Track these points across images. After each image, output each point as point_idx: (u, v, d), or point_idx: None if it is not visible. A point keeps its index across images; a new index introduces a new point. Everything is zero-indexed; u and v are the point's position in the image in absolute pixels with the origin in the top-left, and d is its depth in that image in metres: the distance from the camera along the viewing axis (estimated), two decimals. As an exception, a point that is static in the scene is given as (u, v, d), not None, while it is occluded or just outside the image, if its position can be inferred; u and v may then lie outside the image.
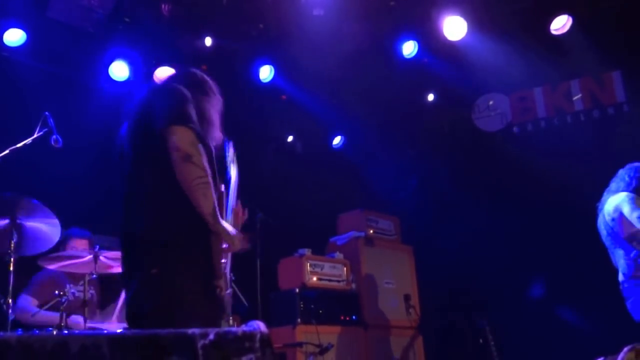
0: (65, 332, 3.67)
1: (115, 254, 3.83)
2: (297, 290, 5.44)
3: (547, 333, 6.27)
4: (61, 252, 4.19)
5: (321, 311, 5.52)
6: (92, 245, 4.32)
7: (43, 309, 4.10)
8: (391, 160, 7.67)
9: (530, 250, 6.49)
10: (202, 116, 2.57)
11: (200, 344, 1.26)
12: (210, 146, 2.55)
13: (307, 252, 5.71)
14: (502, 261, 6.51)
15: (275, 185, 6.82)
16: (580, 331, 6.02)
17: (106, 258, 3.96)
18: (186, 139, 2.35)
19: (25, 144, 3.64)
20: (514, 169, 6.55)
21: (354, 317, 5.82)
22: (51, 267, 4.09)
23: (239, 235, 2.53)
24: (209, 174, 2.39)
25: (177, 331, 1.28)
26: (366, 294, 6.03)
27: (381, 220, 6.62)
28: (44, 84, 5.21)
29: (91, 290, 4.39)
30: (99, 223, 4.74)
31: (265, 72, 6.37)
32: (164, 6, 5.44)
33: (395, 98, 7.11)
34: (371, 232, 6.42)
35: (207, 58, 5.80)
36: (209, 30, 5.81)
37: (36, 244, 3.89)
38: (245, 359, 1.29)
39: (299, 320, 5.30)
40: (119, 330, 3.75)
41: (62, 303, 3.83)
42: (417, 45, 6.36)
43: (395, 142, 7.64)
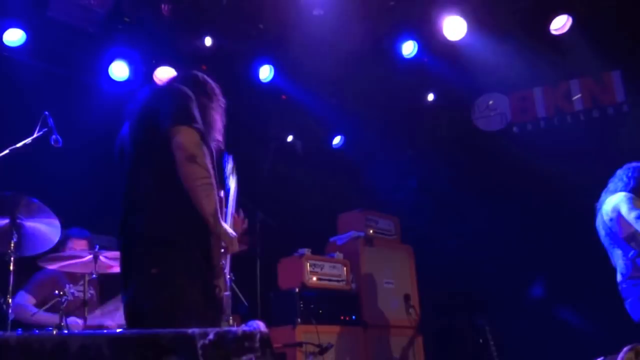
0: (65, 332, 3.68)
1: (115, 254, 3.82)
2: (297, 290, 5.43)
3: (547, 333, 6.27)
4: (61, 252, 4.19)
5: (321, 311, 5.51)
6: (92, 246, 4.31)
7: (43, 309, 4.08)
8: (391, 160, 7.67)
9: (530, 250, 6.49)
10: (204, 118, 2.58)
11: (200, 343, 1.26)
12: (212, 148, 2.56)
13: (306, 252, 5.70)
14: (502, 261, 6.51)
15: (275, 185, 6.83)
16: (580, 331, 6.01)
17: (106, 258, 3.96)
18: (191, 140, 2.35)
19: (25, 144, 3.63)
20: (513, 169, 6.55)
21: (353, 317, 5.81)
22: (51, 267, 4.09)
23: (238, 238, 2.54)
24: (212, 175, 2.40)
25: (177, 331, 1.28)
26: (366, 294, 6.02)
27: (381, 220, 6.61)
28: (44, 83, 5.20)
29: (91, 290, 4.38)
30: (98, 223, 4.73)
31: (265, 72, 6.36)
32: (164, 6, 5.44)
33: (395, 98, 7.10)
34: (371, 232, 6.41)
35: (207, 58, 5.80)
36: (209, 30, 5.80)
37: (36, 244, 3.88)
38: (245, 358, 1.29)
39: (299, 320, 5.29)
40: (118, 330, 3.74)
41: (62, 303, 3.83)
42: (416, 45, 6.35)
43: (395, 142, 7.63)
